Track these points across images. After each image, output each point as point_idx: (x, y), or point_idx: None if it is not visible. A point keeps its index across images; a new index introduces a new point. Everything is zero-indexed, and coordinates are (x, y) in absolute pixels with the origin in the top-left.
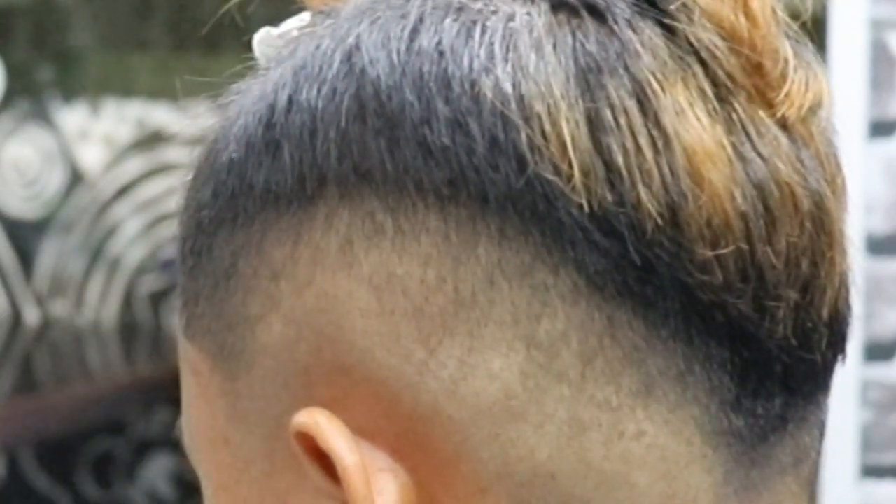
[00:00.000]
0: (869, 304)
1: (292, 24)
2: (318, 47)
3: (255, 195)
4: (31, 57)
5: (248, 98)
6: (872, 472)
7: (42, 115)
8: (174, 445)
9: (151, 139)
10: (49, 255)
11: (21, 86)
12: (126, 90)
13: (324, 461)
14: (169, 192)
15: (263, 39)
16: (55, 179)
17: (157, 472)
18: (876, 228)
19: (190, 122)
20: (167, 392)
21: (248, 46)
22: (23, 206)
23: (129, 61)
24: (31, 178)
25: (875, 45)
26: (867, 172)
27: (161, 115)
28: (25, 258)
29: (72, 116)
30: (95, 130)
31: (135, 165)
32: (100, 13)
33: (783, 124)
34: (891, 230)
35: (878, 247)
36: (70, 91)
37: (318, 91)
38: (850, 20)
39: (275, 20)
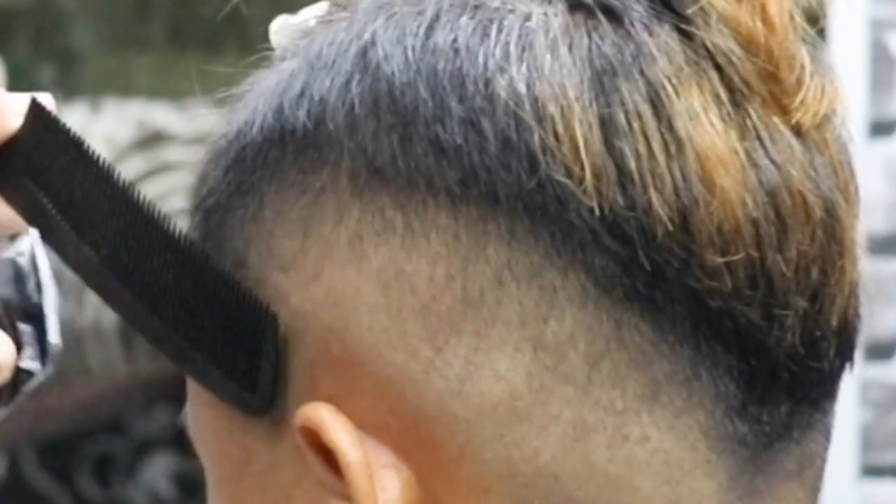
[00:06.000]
0: (869, 304)
1: (309, 14)
2: (333, 41)
3: (265, 184)
4: (31, 57)
5: (261, 88)
6: (872, 471)
7: None
8: (174, 445)
9: (151, 139)
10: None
11: (21, 86)
12: (126, 90)
13: (327, 456)
14: (169, 192)
15: (280, 28)
16: None
17: (157, 471)
18: (876, 228)
19: (190, 121)
20: (167, 392)
21: (248, 46)
22: None
23: (129, 61)
24: None
25: (875, 45)
26: (867, 172)
27: (161, 115)
28: None
29: (72, 116)
30: (95, 130)
31: (135, 165)
32: (100, 13)
33: (797, 131)
34: (891, 230)
35: (878, 247)
36: (70, 91)
37: (332, 84)
38: (850, 20)
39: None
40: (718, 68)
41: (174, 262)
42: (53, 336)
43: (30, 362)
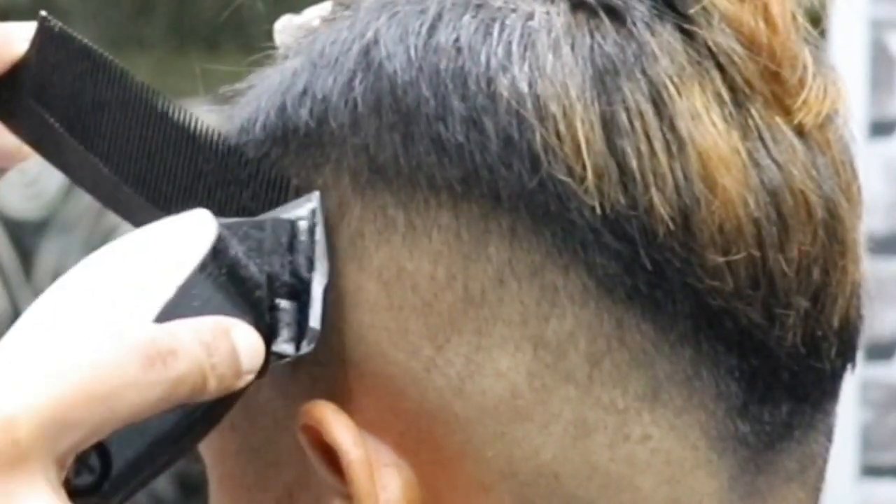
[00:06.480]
0: (869, 304)
1: (314, 13)
2: (336, 40)
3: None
4: None
5: (264, 85)
6: (872, 471)
7: None
8: None
9: None
10: (49, 255)
11: None
12: None
13: (329, 454)
14: None
15: (284, 27)
16: (55, 180)
17: None
18: (876, 228)
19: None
20: None
21: (248, 46)
22: (23, 206)
23: (129, 61)
24: (31, 179)
25: (875, 45)
26: (867, 172)
27: None
28: (25, 258)
29: None
30: None
31: None
32: (100, 13)
33: (800, 131)
34: (891, 230)
35: (878, 247)
36: None
37: (335, 83)
38: (850, 20)
39: (274, 20)
40: (721, 68)
41: (203, 163)
42: (314, 320)
43: (283, 345)
